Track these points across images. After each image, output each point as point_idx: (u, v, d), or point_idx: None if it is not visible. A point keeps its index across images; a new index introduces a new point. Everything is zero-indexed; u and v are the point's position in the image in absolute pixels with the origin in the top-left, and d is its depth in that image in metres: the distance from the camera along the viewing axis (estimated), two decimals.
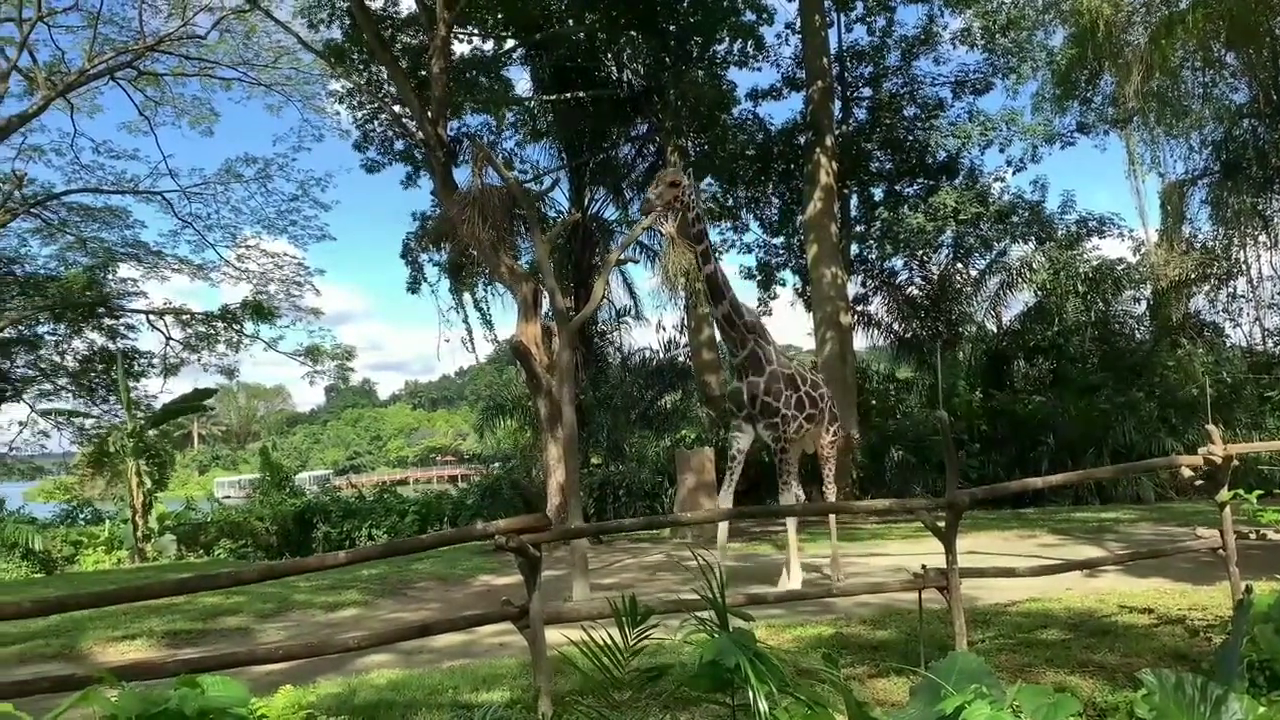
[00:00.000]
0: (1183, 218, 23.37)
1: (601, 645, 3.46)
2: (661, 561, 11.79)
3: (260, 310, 25.50)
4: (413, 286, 21.43)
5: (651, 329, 23.39)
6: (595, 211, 21.53)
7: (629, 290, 23.21)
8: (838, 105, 21.04)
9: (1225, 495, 5.85)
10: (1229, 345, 22.25)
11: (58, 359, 26.05)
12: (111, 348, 25.43)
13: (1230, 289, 23.09)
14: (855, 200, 22.83)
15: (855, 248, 22.49)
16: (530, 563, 4.24)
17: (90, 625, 8.20)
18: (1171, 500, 15.85)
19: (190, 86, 24.21)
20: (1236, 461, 5.92)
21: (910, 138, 21.96)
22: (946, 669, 2.95)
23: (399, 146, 21.16)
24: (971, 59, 22.61)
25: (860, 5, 22.13)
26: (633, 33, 18.86)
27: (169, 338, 26.07)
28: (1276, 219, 22.32)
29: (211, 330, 26.28)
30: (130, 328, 26.14)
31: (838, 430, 9.29)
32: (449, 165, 16.41)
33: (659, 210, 8.29)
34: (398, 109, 19.25)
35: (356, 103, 21.23)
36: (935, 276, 22.19)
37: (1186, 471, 6.24)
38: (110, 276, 25.19)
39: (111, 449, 20.74)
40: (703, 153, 20.39)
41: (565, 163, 21.09)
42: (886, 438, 18.86)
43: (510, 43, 20.27)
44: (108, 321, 25.66)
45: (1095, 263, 21.07)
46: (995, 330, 22.24)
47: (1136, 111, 21.75)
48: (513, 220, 14.75)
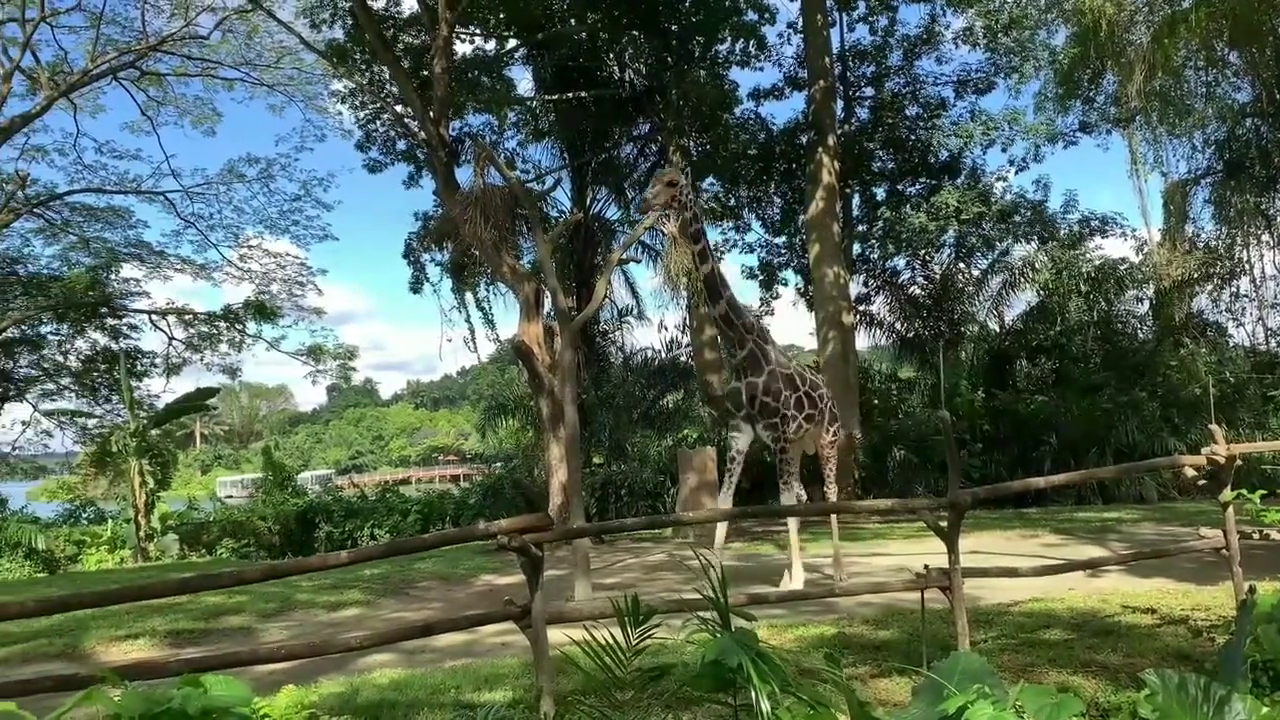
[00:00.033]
0: (1185, 217, 23.35)
1: (604, 645, 3.46)
2: (663, 561, 11.79)
3: (262, 310, 25.55)
4: (415, 286, 21.46)
5: (653, 328, 23.43)
6: (597, 211, 21.52)
7: (631, 290, 23.25)
8: (840, 105, 21.02)
9: (1228, 495, 5.84)
10: (1232, 345, 22.21)
11: (61, 359, 26.14)
12: (114, 347, 25.49)
13: (1233, 288, 23.10)
14: (857, 200, 22.82)
15: (857, 247, 22.47)
16: (532, 562, 4.24)
17: (93, 625, 8.21)
18: (1174, 500, 15.83)
19: (193, 86, 24.33)
20: (1239, 461, 5.90)
21: (912, 137, 21.94)
22: (949, 669, 2.94)
23: (401, 146, 21.18)
24: (974, 58, 22.62)
25: (862, 5, 22.11)
26: (635, 32, 18.84)
27: (171, 337, 26.17)
28: (1279, 218, 22.30)
29: (214, 330, 26.35)
30: (133, 327, 26.25)
31: (838, 430, 9.28)
32: (451, 165, 16.42)
33: (658, 210, 8.28)
34: (400, 109, 19.26)
35: (359, 103, 21.23)
36: (937, 276, 22.19)
37: (1189, 471, 6.23)
38: (113, 276, 25.28)
39: (114, 449, 20.79)
40: (705, 152, 20.38)
41: (567, 162, 21.09)
42: (889, 437, 18.85)
43: (512, 42, 20.27)
44: (110, 321, 25.73)
45: (1098, 262, 21.05)
46: (998, 330, 22.22)
47: (1139, 111, 21.74)
48: (515, 220, 14.76)
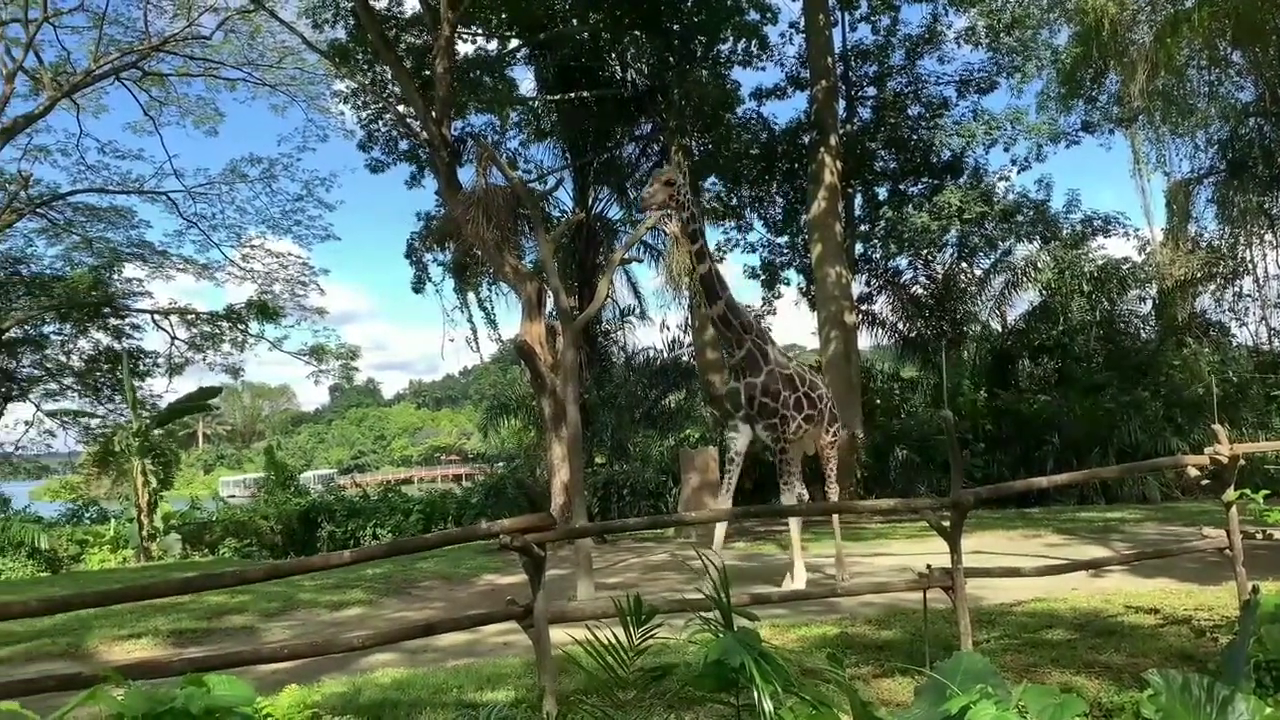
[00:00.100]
0: (1188, 216, 23.29)
1: (606, 644, 3.45)
2: (666, 561, 11.78)
3: (265, 310, 25.58)
4: (417, 286, 21.50)
5: (655, 328, 23.48)
6: (599, 211, 21.53)
7: (633, 290, 23.28)
8: (842, 104, 20.98)
9: (1231, 495, 5.83)
10: (1235, 344, 22.14)
11: (63, 359, 26.18)
12: (117, 347, 25.53)
13: (1236, 288, 23.02)
14: (860, 199, 22.79)
15: (860, 247, 22.45)
16: (535, 562, 4.24)
17: (96, 624, 8.22)
18: (1177, 500, 15.79)
19: (195, 87, 24.38)
20: (1243, 461, 5.90)
21: (915, 137, 21.90)
22: (951, 669, 2.94)
23: (403, 146, 21.20)
24: (976, 58, 22.57)
25: (864, 4, 22.07)
26: (637, 32, 18.84)
27: (174, 337, 26.21)
28: None
29: (216, 330, 26.39)
30: (135, 327, 26.30)
31: (837, 430, 9.25)
32: (453, 165, 16.44)
33: (656, 209, 8.28)
34: (402, 109, 19.27)
35: (361, 103, 21.25)
36: (940, 276, 22.16)
37: (1192, 471, 6.21)
38: (115, 276, 25.34)
39: (117, 448, 20.82)
40: (707, 152, 20.38)
41: (569, 162, 21.09)
42: (891, 437, 18.83)
43: (514, 42, 20.27)
44: (113, 321, 25.77)
45: (1100, 262, 21.02)
46: (1000, 329, 22.19)
47: (1142, 110, 21.69)
48: (517, 220, 14.76)
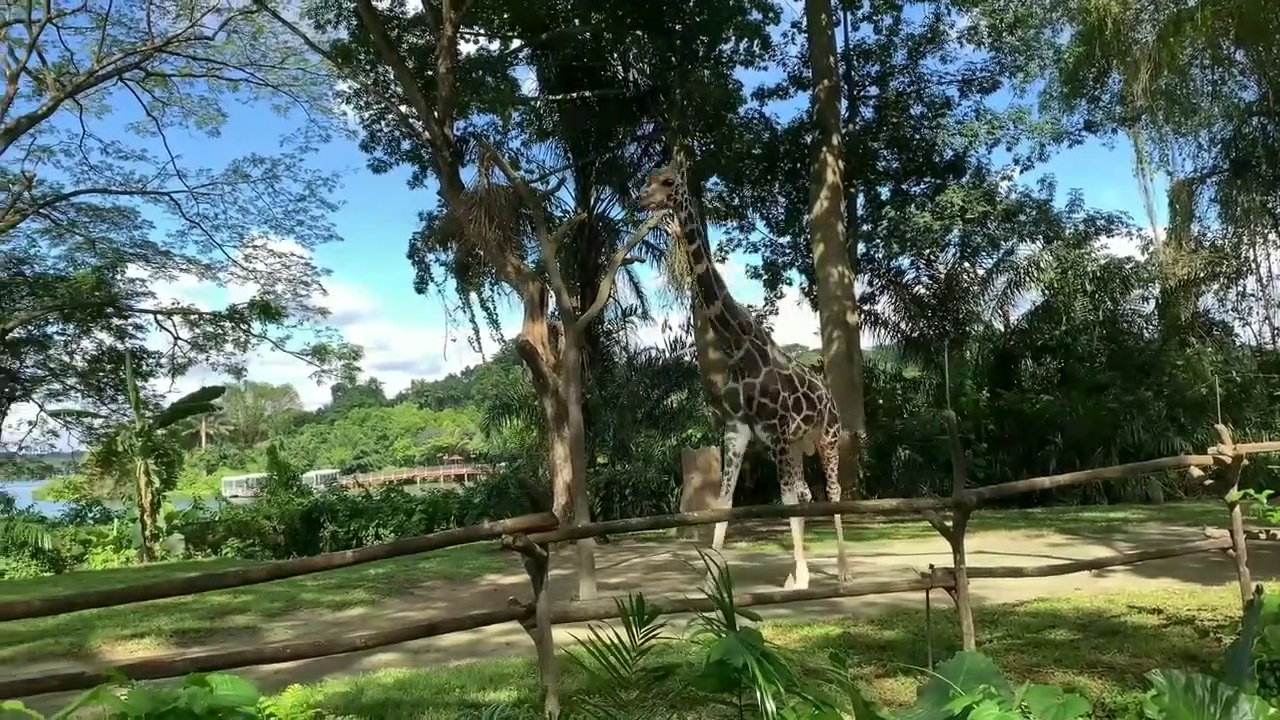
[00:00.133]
0: (1191, 216, 23.24)
1: (608, 644, 3.45)
2: (668, 561, 11.79)
3: (267, 310, 25.62)
4: (419, 286, 21.53)
5: (657, 328, 23.53)
6: (601, 211, 21.55)
7: (635, 289, 23.30)
8: (844, 104, 20.96)
9: (1235, 495, 5.82)
10: (1238, 344, 22.11)
11: (66, 359, 26.25)
12: (120, 347, 25.58)
13: (1240, 287, 22.98)
14: (862, 199, 22.77)
15: (862, 247, 22.43)
16: (537, 562, 4.24)
17: (99, 624, 8.23)
18: (1180, 500, 15.76)
19: (198, 87, 24.42)
20: (1246, 461, 5.89)
21: (917, 136, 21.88)
22: (954, 669, 2.93)
23: (405, 146, 21.22)
24: (978, 57, 22.51)
25: (867, 4, 22.07)
26: (639, 32, 18.84)
27: (177, 337, 26.26)
28: None
29: (219, 330, 26.43)
30: (138, 327, 26.37)
31: (837, 431, 9.21)
32: (455, 165, 16.46)
33: (653, 208, 8.28)
34: (404, 109, 19.30)
35: (363, 103, 21.28)
36: (942, 275, 22.14)
37: (1196, 471, 6.20)
38: (119, 277, 25.39)
39: (120, 448, 20.83)
40: (709, 152, 20.38)
41: (571, 162, 21.11)
42: (893, 437, 18.82)
43: (516, 42, 20.29)
44: (116, 321, 25.82)
45: (1103, 261, 20.97)
46: (1003, 329, 22.17)
47: (1145, 109, 21.63)
48: (519, 220, 14.77)
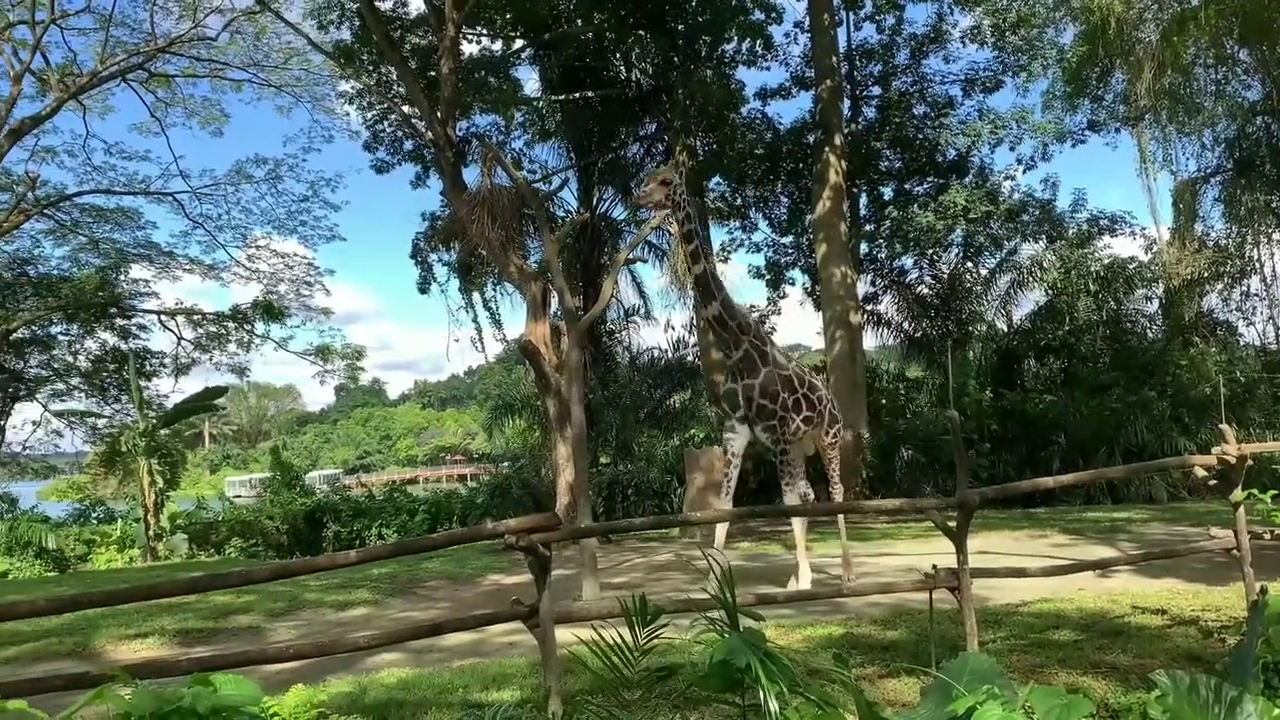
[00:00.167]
0: (1195, 216, 23.21)
1: (611, 644, 3.45)
2: (670, 561, 11.79)
3: (271, 310, 25.66)
4: (422, 286, 21.54)
5: (660, 328, 23.57)
6: (604, 211, 21.56)
7: (638, 289, 23.34)
8: (847, 104, 20.96)
9: (1239, 495, 5.81)
10: (1242, 344, 22.07)
11: (70, 359, 26.30)
12: (123, 348, 25.63)
13: (1244, 287, 22.96)
14: (865, 199, 22.75)
15: (865, 247, 22.41)
16: (540, 562, 4.24)
17: (103, 623, 8.25)
18: (1184, 500, 15.73)
19: (201, 88, 24.47)
20: (1250, 461, 5.87)
21: (920, 136, 21.85)
22: (958, 669, 2.93)
23: (408, 147, 21.24)
24: (981, 57, 22.48)
25: (869, 3, 22.04)
26: (641, 32, 18.86)
27: (180, 337, 26.31)
28: None
29: (222, 330, 26.48)
30: (142, 328, 26.42)
31: (838, 431, 9.19)
32: (458, 165, 16.47)
33: (650, 208, 8.27)
34: (407, 109, 19.31)
35: (366, 103, 21.30)
36: (945, 275, 22.11)
37: (1200, 471, 6.20)
38: (122, 277, 25.44)
39: (124, 448, 20.86)
40: (711, 152, 20.39)
41: (574, 162, 21.12)
42: (896, 437, 18.80)
43: (519, 43, 20.31)
44: (120, 322, 25.88)
45: (1107, 261, 20.92)
46: (1006, 329, 22.13)
47: (1148, 109, 21.60)
48: (522, 220, 14.78)
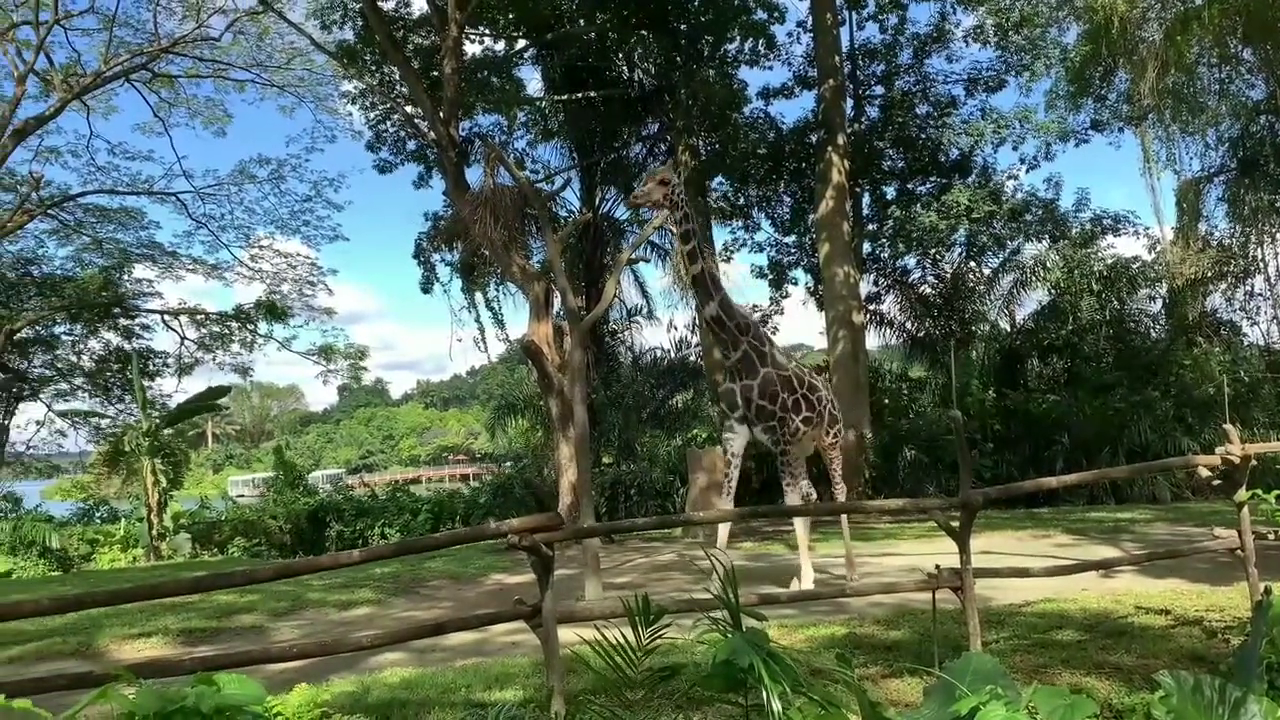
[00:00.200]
0: (1199, 215, 23.15)
1: (614, 644, 3.45)
2: (673, 561, 11.78)
3: (274, 310, 25.70)
4: (425, 286, 21.55)
5: (663, 328, 23.55)
6: (606, 211, 21.57)
7: (640, 289, 23.35)
8: (850, 103, 20.94)
9: (1243, 495, 5.79)
10: (1246, 344, 21.96)
11: (74, 359, 26.37)
12: (127, 347, 25.69)
13: (1247, 287, 22.86)
14: (867, 199, 22.73)
15: (867, 246, 22.38)
16: (543, 562, 4.24)
17: (107, 623, 8.26)
18: (1188, 500, 15.69)
19: (204, 88, 24.51)
20: (1254, 461, 5.86)
21: (923, 136, 21.82)
22: (961, 669, 2.92)
23: (411, 147, 21.26)
24: (984, 56, 22.49)
25: (872, 3, 22.02)
26: (644, 32, 18.86)
27: (184, 337, 26.36)
28: None
29: (225, 330, 26.52)
30: (145, 328, 26.49)
31: (838, 431, 9.17)
32: (461, 165, 16.47)
33: (651, 208, 8.27)
34: (410, 109, 19.34)
35: (369, 103, 21.34)
36: (948, 275, 22.08)
37: (1204, 471, 6.17)
38: (126, 277, 25.49)
39: (127, 448, 20.92)
40: (714, 151, 20.38)
41: (576, 162, 21.13)
42: (899, 437, 18.78)
43: (521, 43, 20.33)
44: (123, 322, 25.94)
45: (1110, 261, 20.90)
46: (1009, 329, 22.10)
47: (1151, 108, 21.56)
48: (524, 220, 14.79)
